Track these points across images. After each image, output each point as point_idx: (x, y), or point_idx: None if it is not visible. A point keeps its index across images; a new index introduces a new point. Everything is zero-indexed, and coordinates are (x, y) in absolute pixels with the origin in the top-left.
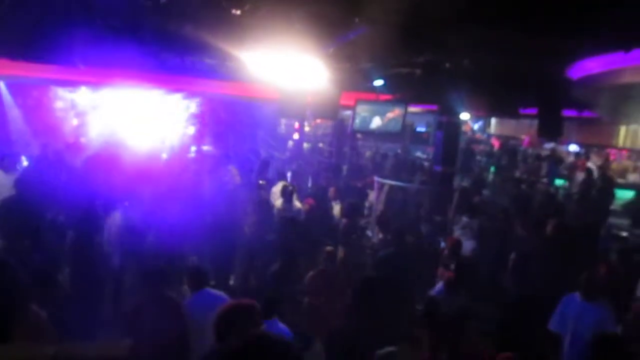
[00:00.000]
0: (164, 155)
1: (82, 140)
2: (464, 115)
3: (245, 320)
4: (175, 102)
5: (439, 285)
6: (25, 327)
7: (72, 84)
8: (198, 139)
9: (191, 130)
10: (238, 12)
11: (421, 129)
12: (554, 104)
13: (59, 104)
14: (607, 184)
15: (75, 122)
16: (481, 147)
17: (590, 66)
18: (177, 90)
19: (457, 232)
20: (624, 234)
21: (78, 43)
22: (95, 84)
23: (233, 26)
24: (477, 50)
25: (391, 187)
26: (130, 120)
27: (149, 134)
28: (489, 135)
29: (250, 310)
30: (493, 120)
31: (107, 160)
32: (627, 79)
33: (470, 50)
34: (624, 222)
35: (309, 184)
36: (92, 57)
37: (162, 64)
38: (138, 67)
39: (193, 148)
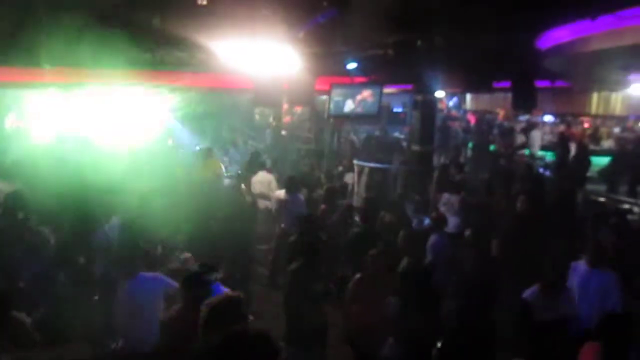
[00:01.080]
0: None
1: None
2: (439, 93)
3: (232, 314)
4: (148, 97)
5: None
6: (9, 334)
7: (39, 86)
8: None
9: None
10: (204, 2)
11: (398, 109)
12: (527, 76)
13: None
14: (583, 151)
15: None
16: (457, 124)
17: (558, 35)
18: (148, 85)
19: (440, 210)
20: (601, 199)
21: (43, 43)
22: (64, 84)
23: (201, 17)
24: (447, 27)
25: (371, 169)
26: (103, 117)
27: (123, 130)
28: (465, 111)
29: (236, 304)
30: (468, 96)
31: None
32: (595, 45)
33: (440, 28)
34: (601, 188)
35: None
36: (59, 56)
37: (132, 60)
38: (107, 64)
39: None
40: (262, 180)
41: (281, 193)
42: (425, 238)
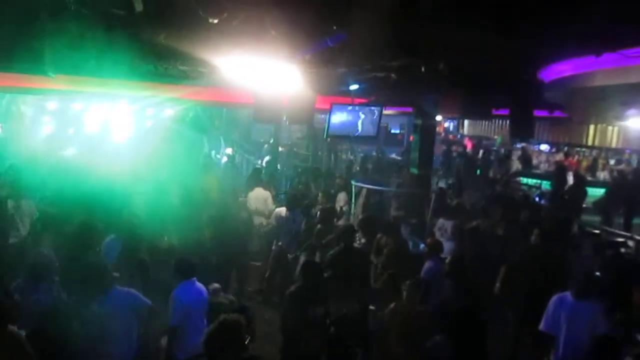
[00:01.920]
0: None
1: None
2: (438, 116)
3: (233, 339)
4: (149, 109)
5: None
6: (4, 348)
7: (43, 92)
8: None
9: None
10: (215, 20)
11: (395, 130)
12: (526, 105)
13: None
14: (579, 181)
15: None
16: (453, 147)
17: (562, 69)
18: (150, 97)
19: (435, 235)
20: (596, 231)
21: (48, 51)
22: (67, 92)
23: (209, 34)
24: (451, 53)
25: (368, 190)
26: (104, 127)
27: (124, 140)
28: (462, 136)
29: (237, 328)
30: (466, 122)
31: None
32: (598, 81)
33: (444, 54)
34: (595, 219)
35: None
36: (64, 65)
37: (135, 71)
38: (110, 74)
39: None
40: (259, 196)
41: (282, 210)
42: (420, 263)
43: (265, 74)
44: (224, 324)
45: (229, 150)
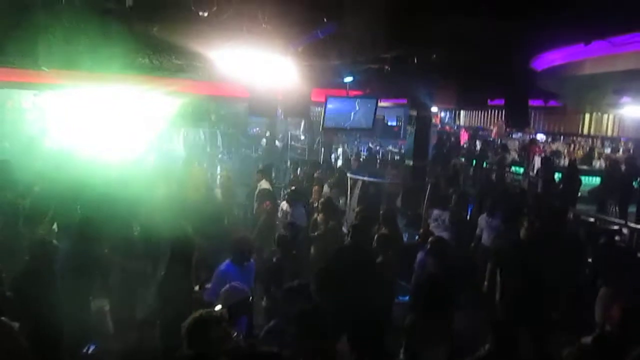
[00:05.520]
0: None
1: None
2: (433, 108)
3: (216, 330)
4: (144, 103)
5: None
6: None
7: (36, 87)
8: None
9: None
10: (205, 14)
11: (392, 122)
12: (521, 95)
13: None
14: (573, 170)
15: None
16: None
17: (553, 58)
18: (145, 90)
19: (431, 225)
20: (591, 219)
21: (42, 45)
22: (61, 87)
23: (201, 27)
24: (444, 44)
25: (364, 182)
26: (100, 121)
27: (121, 135)
28: (458, 127)
29: (219, 320)
30: (462, 112)
31: None
32: (588, 69)
33: (437, 45)
34: (592, 208)
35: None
36: (57, 59)
37: (130, 65)
38: (104, 68)
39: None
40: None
41: (283, 204)
42: (414, 254)
43: (260, 68)
44: (198, 319)
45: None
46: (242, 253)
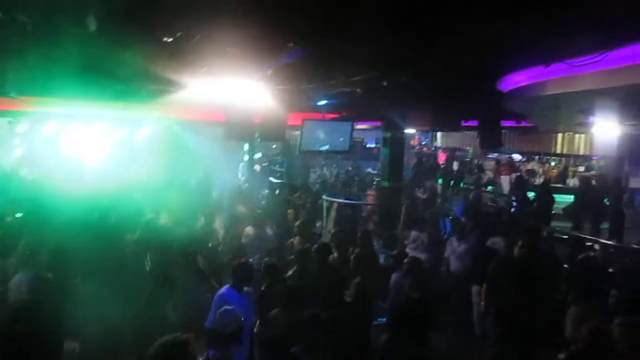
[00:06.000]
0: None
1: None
2: (410, 130)
3: (181, 355)
4: (122, 129)
5: None
6: None
7: (8, 114)
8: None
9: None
10: (170, 39)
11: (371, 144)
12: (493, 116)
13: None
14: (547, 188)
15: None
16: (424, 159)
17: (517, 79)
18: (123, 116)
19: (409, 246)
20: (565, 236)
21: (11, 72)
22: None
23: (170, 53)
24: (411, 67)
25: (339, 204)
26: (78, 147)
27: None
28: (436, 148)
29: (184, 344)
30: (439, 134)
31: None
32: (551, 90)
33: (405, 68)
34: (566, 225)
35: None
36: (28, 86)
37: (106, 91)
38: (77, 94)
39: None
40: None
41: (249, 228)
42: (387, 275)
43: (235, 92)
44: (165, 344)
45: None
46: (242, 278)
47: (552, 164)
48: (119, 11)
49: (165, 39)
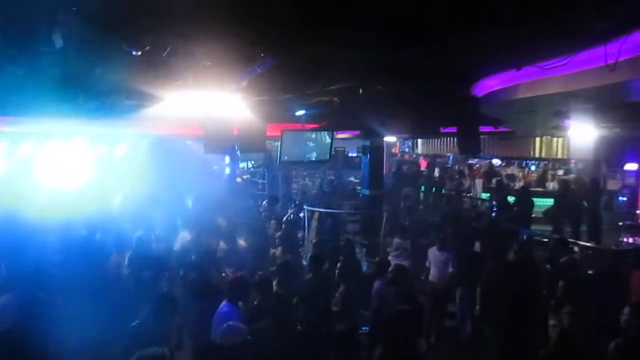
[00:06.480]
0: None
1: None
2: (391, 138)
3: None
4: (101, 146)
5: None
6: None
7: None
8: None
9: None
10: (139, 53)
11: (353, 154)
12: (470, 122)
13: None
14: (526, 193)
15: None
16: (404, 167)
17: (490, 84)
18: (100, 133)
19: (392, 254)
20: (545, 240)
21: None
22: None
23: (143, 66)
24: (385, 75)
25: (321, 214)
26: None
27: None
28: (417, 155)
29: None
30: (419, 141)
31: None
32: (522, 94)
33: (378, 76)
34: (545, 228)
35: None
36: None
37: (81, 108)
38: (51, 112)
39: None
40: None
41: (222, 243)
42: (370, 283)
43: (211, 105)
44: (143, 357)
45: None
46: (239, 293)
47: (532, 168)
48: (87, 26)
49: (134, 52)
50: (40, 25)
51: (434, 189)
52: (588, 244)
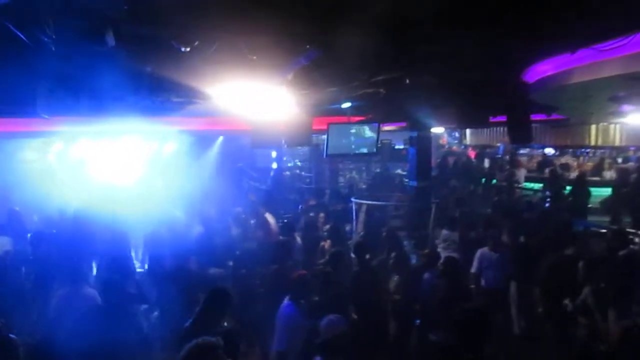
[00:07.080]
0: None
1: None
2: (438, 129)
3: (211, 357)
4: (150, 144)
5: None
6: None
7: (39, 135)
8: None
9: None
10: (187, 49)
11: (399, 146)
12: (520, 110)
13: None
14: (582, 182)
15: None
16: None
17: (542, 69)
18: (150, 131)
19: (440, 246)
20: (603, 230)
21: (39, 93)
22: (65, 134)
23: (190, 63)
24: (432, 64)
25: (369, 206)
26: (109, 166)
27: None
28: (466, 146)
29: (214, 347)
30: (468, 131)
31: None
32: (576, 78)
33: (426, 65)
34: (604, 219)
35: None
36: (56, 106)
37: (131, 108)
38: (107, 112)
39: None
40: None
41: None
42: (419, 275)
43: (258, 99)
44: (195, 347)
45: None
46: (302, 291)
47: (588, 156)
48: (137, 24)
49: (183, 48)
50: (93, 24)
51: (483, 180)
52: None
